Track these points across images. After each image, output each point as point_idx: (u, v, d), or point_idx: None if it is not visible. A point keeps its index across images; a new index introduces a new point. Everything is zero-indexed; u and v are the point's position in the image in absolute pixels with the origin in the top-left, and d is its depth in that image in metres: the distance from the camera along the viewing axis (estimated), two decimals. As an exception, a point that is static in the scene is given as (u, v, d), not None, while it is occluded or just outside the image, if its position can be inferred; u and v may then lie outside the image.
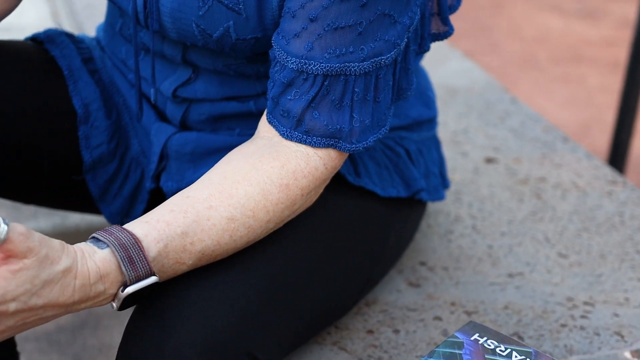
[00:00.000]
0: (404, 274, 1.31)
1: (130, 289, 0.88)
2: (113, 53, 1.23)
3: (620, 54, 3.48)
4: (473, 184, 1.55)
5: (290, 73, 0.97)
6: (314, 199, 1.03)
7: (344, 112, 0.98)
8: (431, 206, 1.46)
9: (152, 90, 1.16)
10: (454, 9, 1.09)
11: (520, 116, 1.79)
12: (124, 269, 0.87)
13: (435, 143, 1.29)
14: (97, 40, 1.27)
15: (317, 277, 1.06)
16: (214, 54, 1.09)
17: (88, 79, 1.20)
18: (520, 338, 1.18)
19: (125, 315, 1.73)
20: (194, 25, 1.04)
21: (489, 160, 1.63)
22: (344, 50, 0.95)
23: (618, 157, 2.13)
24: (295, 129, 0.98)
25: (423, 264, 1.33)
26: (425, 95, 1.27)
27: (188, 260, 0.93)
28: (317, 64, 0.95)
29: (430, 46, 1.07)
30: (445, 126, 1.73)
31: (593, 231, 1.42)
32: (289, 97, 0.98)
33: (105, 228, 0.89)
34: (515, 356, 0.96)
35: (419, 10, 1.00)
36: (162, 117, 1.20)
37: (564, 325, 1.21)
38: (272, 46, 1.00)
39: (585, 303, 1.25)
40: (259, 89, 1.13)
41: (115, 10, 1.19)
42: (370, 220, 1.15)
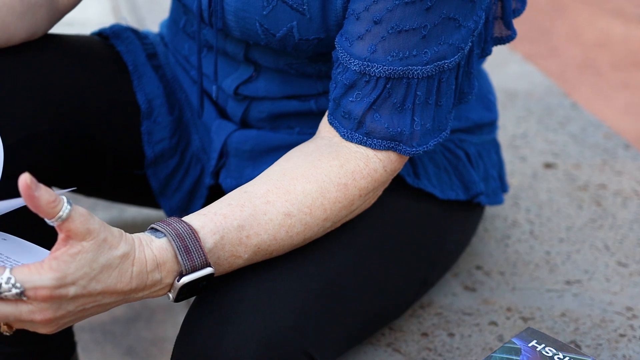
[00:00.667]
0: (459, 277, 1.30)
1: (186, 279, 0.89)
2: (176, 49, 1.24)
3: (683, 60, 3.41)
4: (531, 189, 1.54)
5: (353, 75, 0.97)
6: (373, 201, 1.03)
7: (405, 115, 0.98)
8: (488, 210, 1.46)
9: (214, 87, 1.17)
10: (518, 12, 1.08)
11: (580, 122, 1.77)
12: (180, 258, 0.88)
13: (495, 146, 1.28)
14: (161, 36, 1.29)
15: (374, 278, 1.06)
16: (276, 53, 1.10)
17: (152, 75, 1.22)
18: (578, 347, 1.16)
19: (178, 309, 1.75)
20: (257, 24, 1.04)
21: (548, 166, 1.61)
22: (407, 53, 0.95)
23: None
24: (356, 131, 0.98)
25: (479, 268, 1.33)
26: (486, 98, 1.27)
27: (244, 254, 0.93)
28: (380, 67, 0.95)
29: (492, 50, 1.07)
30: (504, 130, 1.72)
31: (653, 240, 1.40)
32: (350, 99, 0.98)
33: (164, 219, 0.91)
34: (573, 365, 0.95)
35: (484, 14, 0.99)
36: (223, 114, 1.21)
37: (622, 335, 1.19)
38: (335, 47, 1.01)
39: (644, 313, 1.24)
40: (320, 89, 1.13)
41: (179, 8, 1.20)
42: (428, 222, 1.15)
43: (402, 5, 0.93)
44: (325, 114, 1.03)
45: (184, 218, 0.91)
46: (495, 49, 1.12)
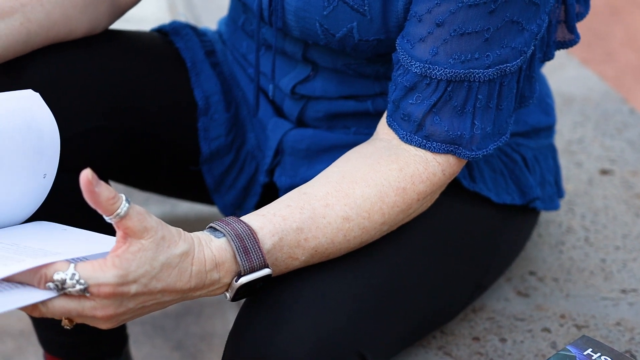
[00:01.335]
0: (512, 282, 1.29)
1: (244, 279, 0.89)
2: (234, 47, 1.25)
3: None
4: (587, 195, 1.52)
5: (414, 77, 0.97)
6: (429, 204, 1.02)
7: (465, 119, 0.97)
8: (542, 215, 1.44)
9: (271, 86, 1.18)
10: (581, 16, 1.07)
11: (638, 128, 1.75)
12: (238, 259, 0.88)
13: (552, 151, 1.27)
14: (219, 33, 1.29)
15: (427, 281, 1.06)
16: (334, 53, 1.10)
17: (210, 72, 1.22)
18: (633, 357, 1.15)
19: (227, 305, 1.76)
20: (317, 24, 1.04)
21: (605, 172, 1.59)
22: (469, 56, 0.94)
23: None
24: (415, 133, 0.98)
25: (533, 273, 1.31)
26: (545, 103, 1.25)
27: (301, 256, 0.93)
28: (441, 69, 0.95)
29: (554, 54, 1.06)
30: (560, 135, 1.70)
31: None
32: (410, 101, 0.97)
33: (222, 219, 0.91)
34: (629, 375, 0.93)
35: (547, 17, 0.98)
36: (279, 113, 1.21)
37: (678, 347, 1.17)
38: (395, 49, 1.00)
39: (701, 325, 1.21)
40: (378, 89, 1.13)
41: (239, 6, 1.21)
42: (482, 226, 1.14)
43: (466, 8, 0.92)
44: (384, 115, 1.03)
45: (243, 218, 0.91)
46: (551, 53, 1.10)
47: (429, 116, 0.97)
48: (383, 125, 1.02)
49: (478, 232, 1.13)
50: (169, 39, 1.24)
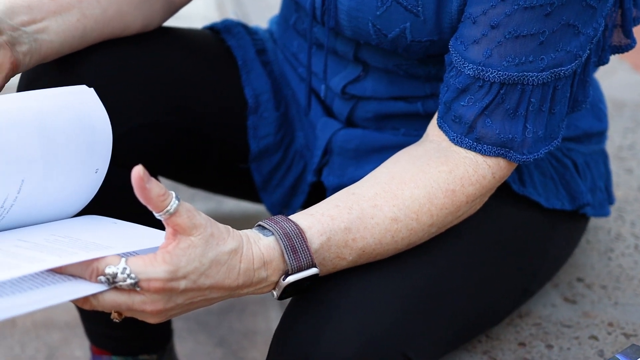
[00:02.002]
0: (559, 288, 1.27)
1: (291, 278, 0.89)
2: (285, 46, 1.25)
3: None
4: (637, 202, 1.50)
5: (466, 79, 0.96)
6: (478, 207, 1.01)
7: (517, 122, 0.96)
8: (591, 222, 1.42)
9: (323, 85, 1.18)
10: (638, 21, 1.05)
11: (690, 135, 1.72)
12: (286, 258, 0.88)
13: (603, 157, 1.25)
14: (270, 32, 1.30)
15: (474, 284, 1.05)
16: (386, 53, 1.10)
17: (260, 71, 1.23)
18: (682, 367, 1.13)
19: (270, 303, 1.76)
20: (370, 24, 1.04)
21: (655, 179, 1.57)
22: (524, 59, 0.93)
23: None
24: (466, 135, 0.97)
25: (580, 280, 1.30)
26: (597, 107, 1.24)
27: (349, 256, 0.93)
28: (495, 72, 0.94)
29: (609, 58, 1.04)
30: (610, 140, 1.68)
31: None
32: (462, 103, 0.97)
33: (271, 217, 0.91)
34: (680, 386, 0.92)
35: (603, 21, 0.97)
36: (329, 113, 1.21)
37: None
38: (448, 50, 1.00)
39: None
40: (428, 91, 1.13)
41: (291, 5, 1.21)
42: (531, 230, 1.13)
43: (521, 10, 0.92)
44: (434, 117, 1.02)
45: (291, 217, 0.91)
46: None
47: (480, 118, 0.96)
48: (433, 126, 1.02)
49: (526, 237, 1.12)
50: (221, 37, 1.25)
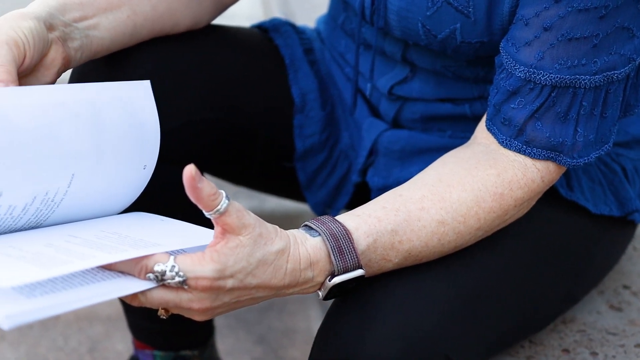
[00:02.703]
0: (605, 295, 1.26)
1: (337, 279, 0.89)
2: (332, 46, 1.25)
3: None
4: (685, 209, 1.47)
5: (517, 81, 0.95)
6: (526, 210, 1.01)
7: (568, 126, 0.95)
8: (638, 229, 1.40)
9: (369, 85, 1.17)
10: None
11: None
12: (333, 259, 0.88)
13: (653, 163, 1.23)
14: (318, 31, 1.30)
15: (519, 288, 1.04)
16: (434, 54, 1.09)
17: (307, 70, 1.23)
18: None
19: (310, 302, 1.76)
20: (419, 24, 1.04)
21: None
22: (576, 62, 0.92)
23: None
24: (515, 138, 0.96)
25: (626, 287, 1.28)
26: (647, 113, 1.22)
27: (394, 258, 0.93)
28: (546, 74, 0.93)
29: (663, 63, 1.03)
30: (658, 145, 1.65)
31: None
32: (512, 106, 0.96)
33: (318, 218, 0.91)
34: None
35: (659, 24, 0.96)
36: (375, 113, 1.21)
37: None
38: (498, 52, 0.99)
39: None
40: (476, 93, 1.12)
41: (339, 4, 1.20)
42: (578, 236, 1.12)
43: (575, 13, 0.91)
44: (482, 119, 1.01)
45: (338, 218, 0.91)
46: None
47: (530, 121, 0.95)
48: (482, 129, 1.01)
49: (573, 242, 1.11)
50: (269, 35, 1.25)
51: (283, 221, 0.97)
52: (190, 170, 0.79)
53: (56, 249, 0.79)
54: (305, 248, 0.88)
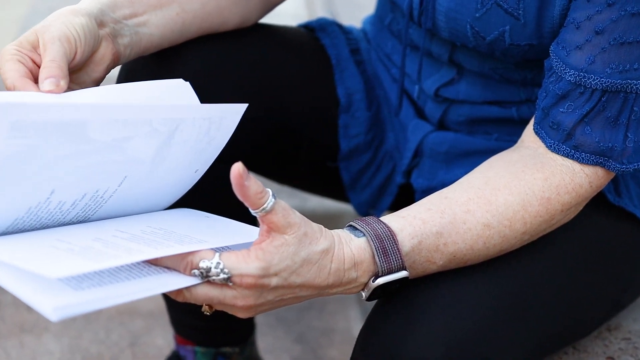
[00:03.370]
0: (651, 303, 1.24)
1: (381, 280, 0.89)
2: (379, 46, 1.24)
3: None
4: None
5: (567, 85, 0.94)
6: (573, 215, 1.00)
7: (618, 131, 0.94)
8: (686, 236, 1.38)
9: (416, 87, 1.17)
10: None
11: None
12: (377, 260, 0.88)
13: (703, 170, 1.21)
14: (364, 32, 1.29)
15: (564, 294, 1.03)
16: (482, 57, 1.08)
17: (354, 70, 1.23)
18: None
19: (350, 302, 1.76)
20: (468, 26, 1.03)
21: None
22: (628, 66, 0.91)
23: None
24: (563, 143, 0.96)
25: (673, 295, 1.26)
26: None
27: (439, 260, 0.93)
28: (597, 79, 0.92)
29: None
30: None
31: None
32: (561, 110, 0.95)
33: (362, 218, 0.91)
34: None
35: None
36: (420, 115, 1.21)
37: None
38: (546, 55, 0.98)
39: None
40: (523, 96, 1.11)
41: (387, 5, 1.20)
42: (625, 242, 1.10)
43: (628, 17, 0.89)
44: (530, 122, 1.00)
45: (383, 219, 0.91)
46: None
47: (579, 126, 0.94)
48: (529, 132, 1.00)
49: (620, 249, 1.10)
50: (315, 35, 1.25)
51: (324, 220, 0.97)
52: (238, 168, 0.79)
53: (104, 243, 0.80)
54: (349, 248, 0.88)
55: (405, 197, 1.24)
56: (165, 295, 0.88)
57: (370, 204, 1.27)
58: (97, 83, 0.98)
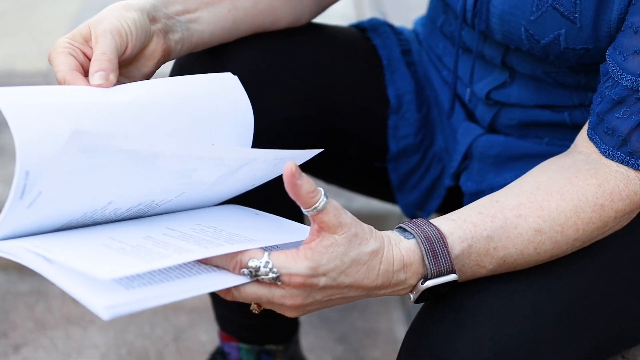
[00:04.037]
0: (702, 314, 1.22)
1: (430, 283, 0.88)
2: (430, 48, 1.24)
3: None
4: None
5: (623, 90, 0.93)
6: (625, 222, 0.98)
7: (674, 138, 0.92)
8: None
9: (468, 90, 1.16)
10: None
11: None
12: (426, 262, 0.87)
13: None
14: (415, 33, 1.29)
15: (614, 301, 1.02)
16: (535, 60, 1.07)
17: (404, 71, 1.22)
18: None
19: (393, 303, 1.76)
20: (522, 29, 1.02)
21: None
22: (686, 72, 0.90)
23: None
24: (618, 149, 0.94)
25: None
26: None
27: (488, 264, 0.92)
28: (655, 85, 0.90)
29: None
30: None
31: None
32: (616, 115, 0.94)
33: (412, 220, 0.91)
34: None
35: None
36: (471, 117, 1.20)
37: None
38: (602, 59, 0.97)
39: None
40: (576, 101, 1.09)
41: (439, 6, 1.19)
42: (678, 251, 1.08)
43: (688, 22, 0.88)
44: (584, 127, 0.99)
45: (433, 221, 0.90)
46: None
47: (635, 132, 0.93)
48: (583, 137, 0.99)
49: (673, 257, 1.08)
50: (367, 35, 1.25)
51: (369, 221, 0.96)
52: (290, 167, 0.79)
53: (154, 242, 0.80)
54: (399, 250, 0.87)
55: (453, 200, 1.24)
56: (212, 292, 0.88)
57: (418, 205, 1.26)
58: (147, 77, 0.99)
